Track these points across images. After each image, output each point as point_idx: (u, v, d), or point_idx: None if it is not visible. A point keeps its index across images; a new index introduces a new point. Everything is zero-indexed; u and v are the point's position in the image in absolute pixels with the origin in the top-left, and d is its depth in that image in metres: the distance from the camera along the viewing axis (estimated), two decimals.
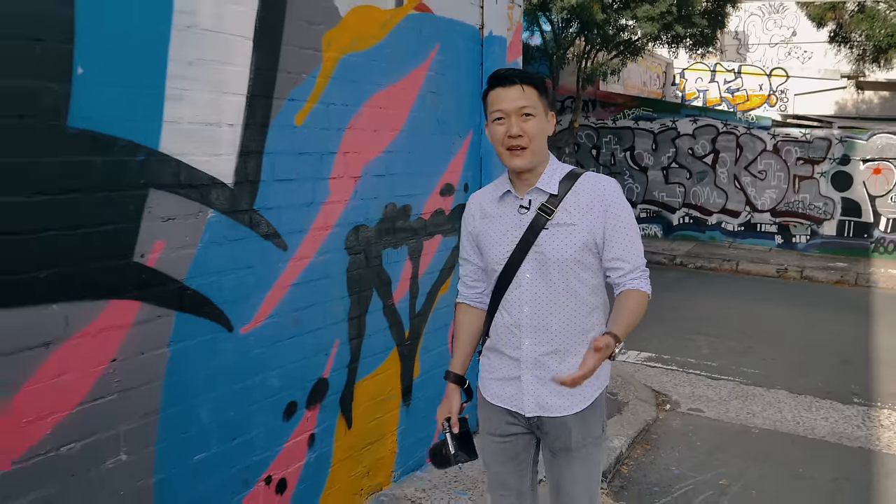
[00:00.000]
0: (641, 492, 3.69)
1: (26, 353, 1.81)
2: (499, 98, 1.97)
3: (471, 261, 2.19)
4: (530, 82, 1.97)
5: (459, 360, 2.19)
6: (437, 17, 3.25)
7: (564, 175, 2.03)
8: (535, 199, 2.02)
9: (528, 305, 2.02)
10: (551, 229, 1.98)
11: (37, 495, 1.86)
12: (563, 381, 1.80)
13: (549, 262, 1.98)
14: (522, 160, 1.97)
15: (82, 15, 1.86)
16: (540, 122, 1.97)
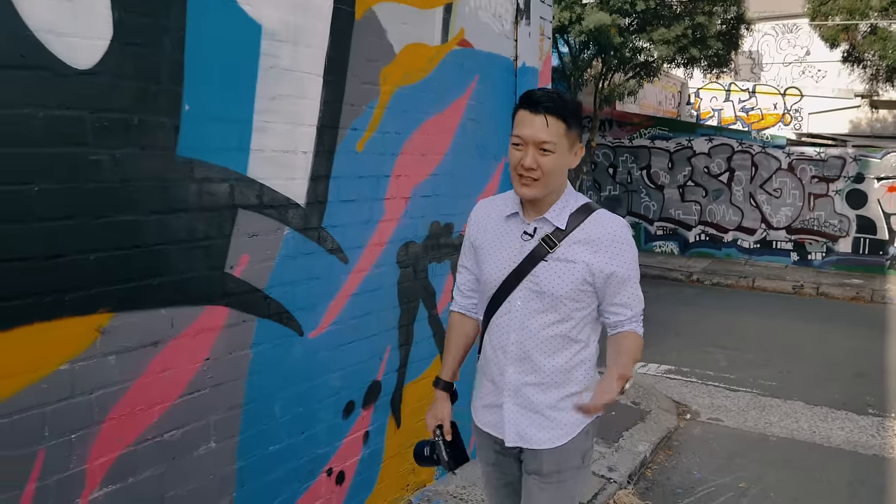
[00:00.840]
0: (665, 493, 3.93)
1: (141, 350, 2.12)
2: (522, 122, 1.88)
3: (470, 269, 2.15)
4: (559, 115, 1.85)
5: (449, 367, 2.18)
6: (477, 52, 3.57)
7: (576, 209, 1.96)
8: (541, 229, 1.96)
9: (516, 333, 1.98)
10: (551, 262, 1.93)
11: (149, 474, 2.16)
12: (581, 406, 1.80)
13: (543, 295, 1.94)
14: (531, 191, 1.91)
15: (190, 60, 2.18)
16: (560, 157, 1.88)
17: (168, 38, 2.12)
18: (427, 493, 3.42)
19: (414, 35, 3.12)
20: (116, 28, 1.98)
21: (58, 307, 1.90)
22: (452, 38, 3.39)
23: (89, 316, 1.98)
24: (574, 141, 1.93)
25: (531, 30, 3.92)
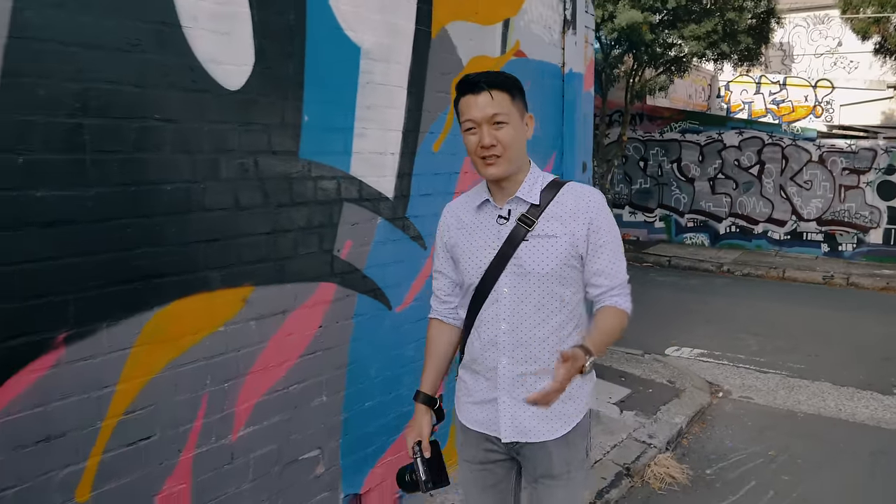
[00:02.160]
0: (700, 458, 4.38)
1: (273, 318, 2.63)
2: (468, 106, 1.88)
3: (445, 273, 2.11)
4: (501, 87, 1.87)
5: (430, 379, 2.11)
6: (530, 60, 4.04)
7: (547, 184, 1.96)
8: (515, 209, 1.94)
9: (506, 321, 1.93)
10: (532, 241, 1.91)
11: (279, 419, 2.68)
12: (535, 398, 1.71)
13: (529, 276, 1.91)
14: (497, 169, 1.89)
15: (308, 80, 2.69)
16: (514, 128, 1.88)
17: (292, 63, 2.63)
18: None
19: (478, 49, 3.60)
20: (257, 56, 2.49)
21: (216, 281, 2.43)
22: (510, 50, 3.86)
23: (237, 288, 2.50)
24: (522, 111, 1.93)
25: (577, 39, 4.38)
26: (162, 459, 2.31)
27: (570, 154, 4.44)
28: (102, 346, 2.12)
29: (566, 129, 4.42)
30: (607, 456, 4.08)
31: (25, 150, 1.91)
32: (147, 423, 2.26)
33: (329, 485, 2.95)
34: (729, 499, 3.85)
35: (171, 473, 2.34)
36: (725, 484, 4.03)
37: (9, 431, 1.93)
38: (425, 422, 2.08)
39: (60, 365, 2.02)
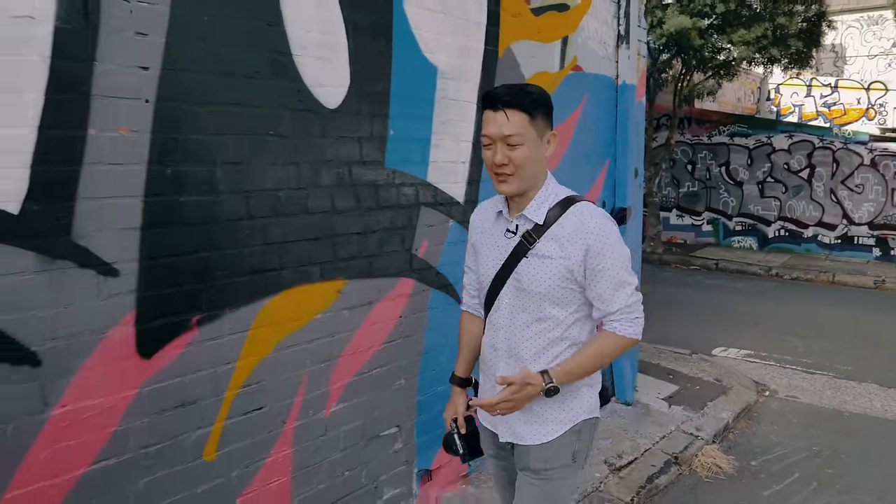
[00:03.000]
0: (746, 451, 4.62)
1: (361, 308, 3.00)
2: (487, 121, 1.94)
3: (473, 269, 2.24)
4: (519, 107, 1.89)
5: (462, 363, 2.30)
6: (587, 74, 4.34)
7: (556, 203, 1.99)
8: (522, 225, 2.01)
9: (505, 331, 2.05)
10: (531, 259, 1.97)
11: (364, 399, 3.05)
12: (479, 403, 2.01)
13: (525, 293, 1.99)
14: (509, 186, 1.95)
15: (393, 97, 3.05)
16: (530, 148, 1.91)
17: (381, 83, 2.99)
18: None
19: (539, 65, 3.92)
20: (352, 78, 2.86)
21: (316, 275, 2.80)
22: (568, 65, 4.17)
23: (333, 281, 2.87)
24: (542, 130, 1.94)
25: (630, 52, 4.66)
26: (270, 428, 2.69)
27: (623, 161, 4.73)
28: (226, 329, 2.50)
29: (619, 137, 4.71)
30: (656, 445, 4.35)
31: (172, 163, 2.30)
32: (259, 396, 2.64)
33: (405, 460, 3.31)
34: (773, 488, 4.08)
35: (276, 441, 2.72)
36: (770, 475, 4.26)
37: (155, 397, 2.32)
38: (460, 401, 2.25)
39: (194, 343, 2.41)
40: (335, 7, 2.76)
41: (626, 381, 4.95)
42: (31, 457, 2.04)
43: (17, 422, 2.01)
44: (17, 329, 1.99)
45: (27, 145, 1.97)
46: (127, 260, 2.21)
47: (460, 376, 2.30)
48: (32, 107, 1.98)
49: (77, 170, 2.08)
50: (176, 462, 2.40)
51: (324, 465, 2.92)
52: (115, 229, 2.18)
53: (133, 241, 2.23)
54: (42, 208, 2.01)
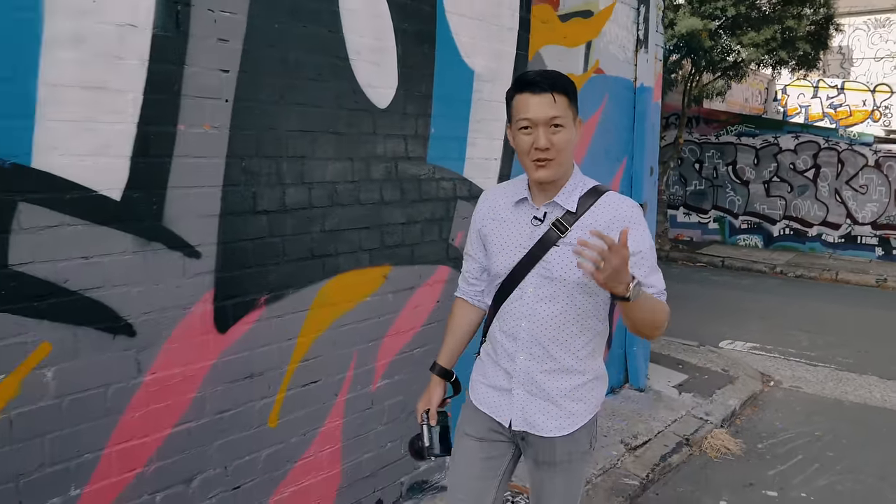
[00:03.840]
0: (752, 435, 4.87)
1: (404, 292, 3.25)
2: (526, 105, 1.87)
3: (475, 258, 2.17)
4: (563, 90, 1.87)
5: (447, 353, 2.24)
6: (608, 76, 4.58)
7: (586, 191, 1.96)
8: (551, 213, 1.96)
9: (527, 320, 1.98)
10: (562, 248, 1.92)
11: (406, 375, 3.31)
12: (582, 266, 1.73)
13: (555, 281, 1.94)
14: (548, 172, 1.90)
15: (435, 98, 3.29)
16: (569, 132, 1.89)
17: (424, 85, 3.24)
18: None
19: (566, 67, 4.16)
20: (400, 80, 3.11)
21: (365, 261, 3.05)
22: (591, 68, 4.42)
23: (380, 267, 3.13)
24: (575, 115, 1.94)
25: (648, 56, 4.90)
26: (324, 400, 2.95)
27: (640, 159, 4.97)
28: (289, 308, 2.76)
29: (637, 136, 4.95)
30: (668, 428, 4.60)
31: (246, 156, 2.55)
32: (316, 370, 2.90)
33: None
34: (778, 468, 4.34)
35: (329, 412, 2.98)
36: (775, 456, 4.51)
37: (228, 368, 2.58)
38: (436, 392, 2.21)
39: (262, 320, 2.67)
40: (386, 15, 3.01)
41: (639, 369, 5.21)
42: (126, 417, 2.30)
43: (116, 385, 2.27)
44: (118, 303, 2.24)
45: (128, 139, 2.23)
46: (207, 243, 2.47)
47: (442, 365, 2.23)
48: (132, 105, 2.23)
49: (168, 162, 2.33)
50: (245, 427, 2.66)
51: (370, 436, 3.18)
52: (197, 216, 2.43)
53: (212, 226, 2.48)
54: (140, 196, 2.27)
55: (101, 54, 2.13)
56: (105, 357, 2.23)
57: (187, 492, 2.51)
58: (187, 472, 2.50)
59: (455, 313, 2.27)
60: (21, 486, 2.09)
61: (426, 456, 2.17)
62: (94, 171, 2.15)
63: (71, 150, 2.09)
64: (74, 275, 2.13)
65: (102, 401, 2.24)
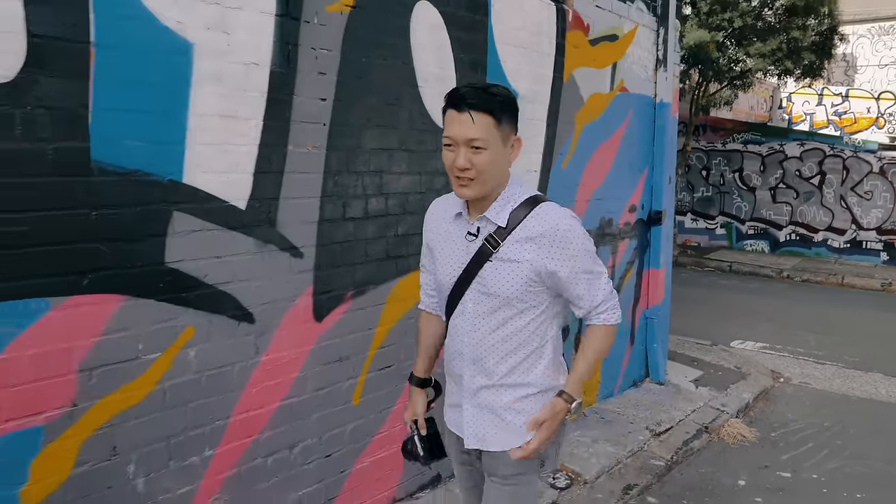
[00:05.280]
0: (765, 425, 5.36)
1: None
2: (450, 122, 1.86)
3: (429, 269, 2.21)
4: (485, 109, 1.83)
5: (422, 363, 2.28)
6: (631, 94, 5.10)
7: (519, 204, 1.95)
8: (484, 228, 1.96)
9: (468, 335, 2.01)
10: (495, 263, 1.93)
11: None
12: (516, 455, 1.96)
13: (491, 297, 1.95)
14: (470, 191, 1.90)
15: None
16: (493, 153, 1.86)
17: None
18: (595, 408, 4.99)
19: (594, 87, 4.68)
20: None
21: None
22: (616, 87, 4.94)
23: None
24: (508, 134, 1.91)
25: (667, 74, 5.42)
26: (396, 383, 3.44)
27: (660, 169, 5.49)
28: (369, 301, 3.26)
29: (656, 149, 5.47)
30: (688, 417, 5.10)
31: (338, 172, 3.06)
32: (389, 356, 3.40)
33: None
34: (791, 453, 4.83)
35: (400, 394, 3.48)
36: (788, 443, 5.01)
37: (323, 352, 3.08)
38: (419, 402, 2.26)
39: (349, 312, 3.17)
40: (447, 47, 3.52)
41: (659, 364, 5.71)
42: (246, 391, 2.80)
43: (240, 364, 2.77)
44: (242, 295, 2.75)
45: (251, 158, 2.73)
46: (308, 245, 2.97)
47: (419, 376, 2.28)
48: (255, 130, 2.74)
49: (280, 176, 2.84)
50: (336, 403, 3.15)
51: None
52: (301, 222, 2.94)
53: (312, 231, 2.99)
54: (259, 205, 2.77)
55: (234, 88, 2.64)
56: (232, 340, 2.73)
57: (290, 457, 3.00)
58: (291, 440, 2.99)
59: (421, 326, 2.32)
60: (171, 445, 2.58)
61: (423, 463, 2.27)
62: (227, 185, 2.66)
63: (211, 168, 2.60)
64: (211, 271, 2.64)
65: (230, 377, 2.74)
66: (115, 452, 2.43)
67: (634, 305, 5.51)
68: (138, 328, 2.44)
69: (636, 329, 5.56)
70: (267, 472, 2.92)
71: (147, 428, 2.51)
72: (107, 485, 2.42)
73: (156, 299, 2.48)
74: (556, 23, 4.25)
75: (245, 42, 2.65)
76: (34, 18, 2.10)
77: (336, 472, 3.22)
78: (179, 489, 2.63)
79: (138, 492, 2.51)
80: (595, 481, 4.03)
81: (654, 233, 5.56)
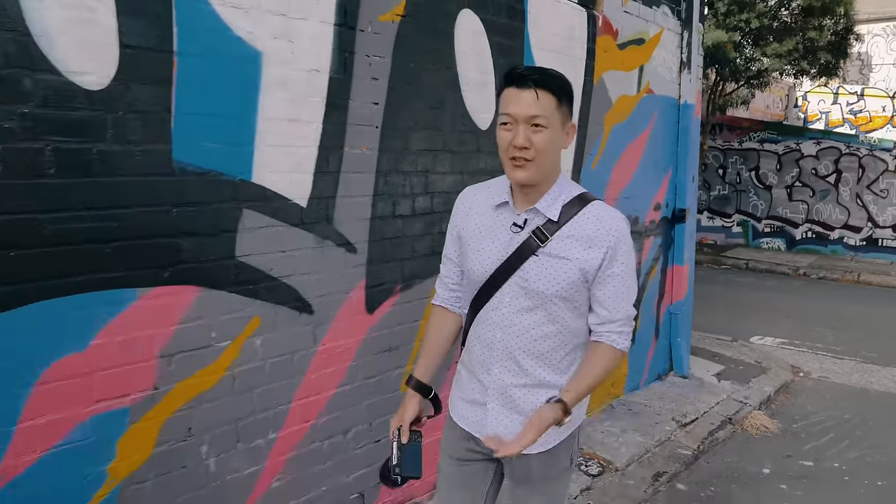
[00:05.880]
0: (786, 417, 5.51)
1: None
2: (510, 100, 1.81)
3: (454, 261, 2.09)
4: (549, 88, 1.79)
5: (424, 365, 2.10)
6: (656, 96, 5.26)
7: (570, 199, 1.89)
8: (532, 220, 1.88)
9: (502, 331, 1.91)
10: (541, 258, 1.85)
11: None
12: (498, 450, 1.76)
13: (532, 294, 1.86)
14: (525, 174, 1.82)
15: None
16: (552, 134, 1.81)
17: None
18: (623, 400, 5.15)
19: (622, 90, 4.84)
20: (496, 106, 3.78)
21: None
22: (642, 89, 5.09)
23: None
24: (566, 118, 1.85)
25: (691, 76, 5.57)
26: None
27: (683, 168, 5.63)
28: (415, 295, 3.44)
29: (680, 149, 5.62)
30: (713, 409, 5.25)
31: (388, 172, 3.23)
32: None
33: None
34: (812, 443, 4.98)
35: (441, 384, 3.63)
36: (809, 434, 5.15)
37: (374, 342, 3.26)
38: (410, 407, 2.06)
39: (397, 304, 3.35)
40: (487, 53, 3.69)
41: (683, 358, 5.86)
42: (306, 378, 2.99)
43: (300, 352, 2.95)
44: (302, 287, 2.93)
45: (312, 159, 2.91)
46: (361, 241, 3.15)
47: (419, 379, 2.09)
48: (315, 132, 2.92)
49: (337, 176, 3.02)
50: (385, 391, 3.33)
51: None
52: (356, 219, 3.12)
53: (365, 227, 3.16)
54: (318, 203, 2.95)
55: (297, 94, 2.82)
56: (293, 330, 2.92)
57: (344, 441, 3.18)
58: (345, 425, 3.18)
59: (432, 323, 2.15)
60: (239, 427, 2.77)
61: (391, 475, 1.99)
62: (290, 184, 2.84)
63: (277, 169, 2.78)
64: (276, 265, 2.82)
65: (291, 364, 2.93)
66: (190, 433, 2.62)
67: (659, 301, 5.66)
68: (211, 318, 2.63)
69: (661, 324, 5.71)
70: (323, 455, 3.11)
71: (218, 411, 2.69)
72: (182, 464, 2.61)
73: (227, 290, 2.67)
74: (587, 28, 4.41)
75: (307, 50, 2.83)
76: (126, 30, 2.29)
77: (384, 457, 3.39)
78: (247, 469, 2.81)
79: (210, 471, 2.69)
80: (626, 469, 4.19)
81: (678, 230, 5.71)
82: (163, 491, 2.55)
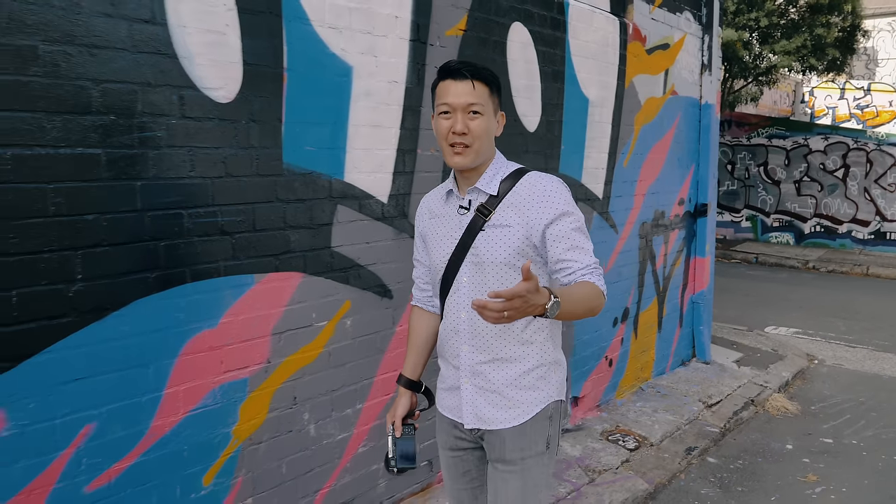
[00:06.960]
0: (804, 400, 5.95)
1: None
2: (447, 91, 1.96)
3: (422, 262, 2.25)
4: (482, 78, 1.96)
5: (411, 363, 2.29)
6: (680, 97, 5.70)
7: (508, 174, 2.04)
8: (475, 200, 2.03)
9: (465, 310, 2.03)
10: (488, 231, 1.98)
11: None
12: (480, 304, 1.56)
13: (485, 265, 1.98)
14: (464, 159, 1.97)
15: (565, 122, 4.40)
16: (488, 120, 1.98)
17: (557, 112, 4.35)
18: (650, 384, 5.60)
19: (650, 92, 5.28)
20: (542, 110, 4.22)
21: None
22: (668, 91, 5.53)
23: None
24: (496, 106, 2.04)
25: (711, 78, 6.01)
26: None
27: (705, 165, 6.08)
28: None
29: (702, 147, 6.06)
30: (735, 392, 5.69)
31: None
32: None
33: None
34: (830, 423, 5.42)
35: None
36: (827, 415, 5.60)
37: None
38: (401, 404, 2.25)
39: None
40: (534, 61, 4.12)
41: (705, 344, 6.31)
42: (386, 355, 3.42)
43: (382, 332, 3.38)
44: (384, 274, 3.36)
45: (391, 160, 3.34)
46: None
47: (407, 376, 2.29)
48: (394, 137, 3.35)
49: (412, 175, 3.45)
50: None
51: None
52: None
53: None
54: (396, 199, 3.38)
55: (380, 102, 3.25)
56: (376, 312, 3.35)
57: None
58: None
59: (413, 322, 2.34)
60: (333, 398, 3.20)
61: (388, 467, 2.19)
62: (374, 182, 3.27)
63: (363, 169, 3.21)
64: (363, 254, 3.25)
65: (375, 343, 3.36)
66: (295, 402, 3.05)
67: (683, 291, 6.10)
68: (312, 300, 3.06)
69: (684, 312, 6.16)
70: None
71: (317, 383, 3.13)
72: (289, 429, 3.04)
73: (324, 277, 3.10)
74: (619, 35, 4.85)
75: (388, 63, 3.26)
76: (248, 50, 2.72)
77: None
78: (339, 435, 3.25)
79: (311, 436, 3.13)
80: (660, 443, 4.63)
81: (700, 224, 6.16)
82: (274, 451, 2.98)
